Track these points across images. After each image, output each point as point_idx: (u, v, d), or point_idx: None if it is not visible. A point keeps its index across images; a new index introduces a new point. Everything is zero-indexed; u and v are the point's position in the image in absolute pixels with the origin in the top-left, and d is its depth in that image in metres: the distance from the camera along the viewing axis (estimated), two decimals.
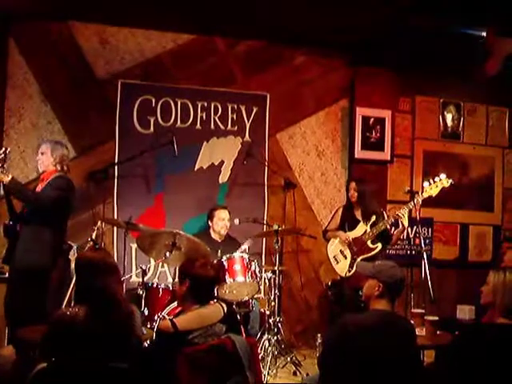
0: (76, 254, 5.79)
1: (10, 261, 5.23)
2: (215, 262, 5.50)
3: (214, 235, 6.44)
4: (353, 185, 6.29)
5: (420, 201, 5.82)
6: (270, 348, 5.74)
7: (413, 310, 4.93)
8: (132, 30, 6.80)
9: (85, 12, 6.39)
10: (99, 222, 5.61)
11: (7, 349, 4.04)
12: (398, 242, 7.21)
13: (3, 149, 5.11)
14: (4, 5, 5.33)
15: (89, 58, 6.69)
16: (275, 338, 5.81)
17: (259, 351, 5.36)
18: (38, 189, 5.32)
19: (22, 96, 6.50)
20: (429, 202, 6.03)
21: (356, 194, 6.21)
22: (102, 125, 6.66)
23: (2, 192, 5.28)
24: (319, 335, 5.76)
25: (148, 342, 4.25)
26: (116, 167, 6.64)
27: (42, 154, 5.38)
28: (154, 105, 6.81)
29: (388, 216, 6.15)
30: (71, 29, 6.63)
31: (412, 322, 4.08)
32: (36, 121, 6.53)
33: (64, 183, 5.29)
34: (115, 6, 6.18)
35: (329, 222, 6.52)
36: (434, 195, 5.84)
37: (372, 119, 7.37)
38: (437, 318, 4.47)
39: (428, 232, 7.56)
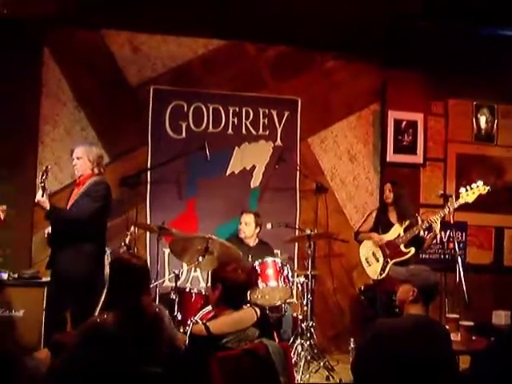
0: (110, 259, 5.84)
1: (51, 267, 5.28)
2: (247, 266, 5.51)
3: (245, 239, 6.44)
4: (388, 186, 6.27)
5: (455, 206, 5.76)
6: (302, 353, 5.72)
7: (448, 315, 4.89)
8: (163, 37, 6.86)
9: (117, 20, 6.47)
10: (132, 227, 5.64)
11: (42, 352, 4.08)
12: (432, 247, 7.13)
13: (44, 169, 5.11)
14: (39, 15, 5.41)
15: (121, 64, 6.76)
16: (308, 342, 5.79)
17: (292, 356, 5.35)
18: (74, 193, 5.34)
19: (56, 103, 6.59)
20: (463, 206, 5.96)
21: (391, 195, 6.18)
22: (135, 131, 6.73)
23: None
24: (352, 340, 5.71)
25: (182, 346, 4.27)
26: (148, 173, 6.69)
27: (78, 158, 5.34)
28: (185, 110, 6.85)
29: (422, 221, 6.09)
30: (104, 37, 6.71)
31: (447, 327, 4.03)
32: (70, 128, 6.61)
33: (101, 191, 5.24)
34: (146, 14, 6.23)
35: (361, 224, 6.50)
36: (470, 202, 5.77)
37: (404, 122, 7.31)
38: (472, 324, 4.42)
39: (462, 236, 7.46)
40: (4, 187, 5.70)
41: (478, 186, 5.79)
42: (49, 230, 5.35)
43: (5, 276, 5.78)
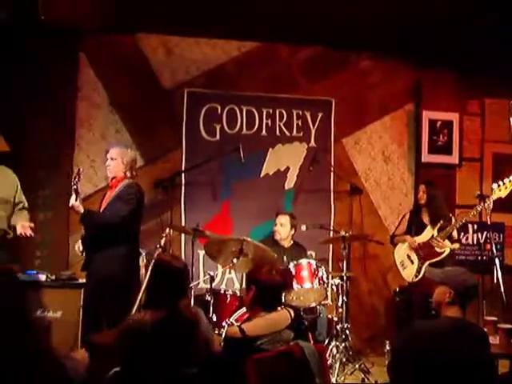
0: (145, 261, 5.89)
1: (87, 269, 5.34)
2: (282, 268, 5.51)
3: (280, 241, 6.43)
4: (422, 187, 6.22)
5: (491, 203, 5.67)
6: (337, 355, 5.70)
7: (485, 318, 4.82)
8: (197, 40, 6.90)
9: (150, 24, 6.51)
10: (167, 229, 5.67)
11: (80, 352, 4.12)
12: (468, 248, 7.05)
13: (75, 172, 5.16)
14: (75, 21, 5.50)
15: (155, 68, 6.82)
16: (343, 344, 5.77)
17: (327, 358, 5.33)
18: (107, 197, 5.37)
19: (91, 107, 6.68)
20: (499, 207, 5.87)
21: (425, 197, 6.13)
22: (169, 133, 6.78)
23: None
24: (387, 342, 5.68)
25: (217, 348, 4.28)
26: (183, 175, 6.73)
27: (112, 159, 5.32)
28: (219, 112, 6.88)
29: (455, 220, 6.03)
30: (137, 40, 6.78)
31: (485, 329, 3.98)
32: (105, 130, 6.68)
33: (134, 194, 5.26)
34: (180, 17, 6.27)
35: (396, 227, 6.46)
36: (503, 196, 5.68)
37: (439, 122, 7.24)
38: (510, 326, 4.35)
39: (499, 237, 7.36)
40: (41, 190, 5.79)
41: (510, 181, 5.69)
42: (82, 232, 5.40)
43: (43, 277, 5.85)
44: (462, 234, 6.16)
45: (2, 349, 1.95)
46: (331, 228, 6.85)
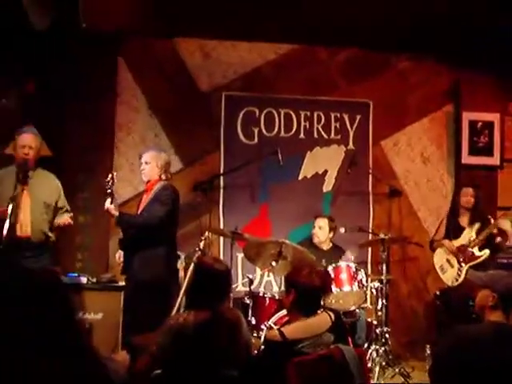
0: (184, 263, 5.93)
1: (126, 273, 5.43)
2: (321, 270, 5.49)
3: (318, 244, 6.41)
4: (470, 191, 6.14)
5: None
6: (377, 359, 5.65)
7: None
8: (233, 43, 6.92)
9: (188, 28, 6.56)
10: (206, 232, 5.70)
11: (121, 354, 4.18)
12: (510, 251, 6.93)
13: (109, 176, 5.21)
14: (114, 26, 5.57)
15: (192, 72, 6.86)
16: (383, 348, 5.72)
17: (367, 362, 5.29)
18: (144, 199, 5.47)
19: (130, 111, 6.75)
20: None
21: (473, 200, 6.06)
22: (207, 137, 6.81)
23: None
24: (428, 346, 5.61)
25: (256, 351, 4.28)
26: (221, 178, 6.76)
27: (147, 163, 5.46)
28: (257, 115, 6.89)
29: (494, 222, 5.95)
30: (175, 45, 6.83)
31: None
32: (144, 134, 6.75)
33: (170, 195, 5.37)
34: (216, 21, 6.30)
35: (435, 232, 6.41)
36: None
37: (480, 123, 7.13)
38: None
39: None
40: (82, 193, 5.88)
41: None
42: (120, 235, 5.51)
43: (84, 280, 5.92)
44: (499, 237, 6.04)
45: (47, 350, 1.97)
46: (370, 230, 6.80)
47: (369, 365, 5.47)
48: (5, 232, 4.69)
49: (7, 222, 4.74)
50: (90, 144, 6.54)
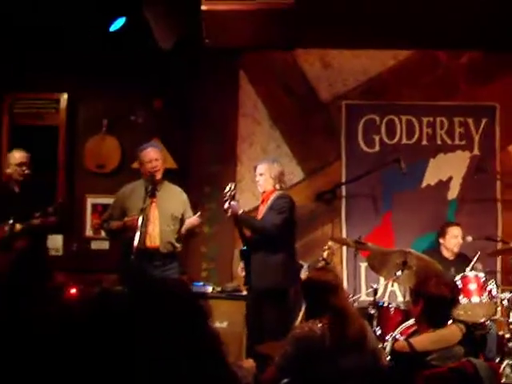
0: (307, 273, 5.95)
1: (248, 283, 5.56)
2: (450, 280, 5.34)
3: (445, 253, 6.23)
4: None
5: None
6: (511, 375, 5.40)
7: None
8: (353, 52, 6.89)
9: (308, 39, 6.59)
10: (329, 242, 5.70)
11: (248, 361, 4.26)
12: None
13: (231, 184, 5.42)
14: (236, 41, 5.71)
15: (313, 82, 6.88)
16: None
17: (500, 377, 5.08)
18: (260, 210, 5.58)
19: (252, 123, 6.87)
20: None
21: None
22: (328, 146, 6.81)
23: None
24: None
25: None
26: (343, 187, 6.73)
27: (261, 175, 5.55)
28: (378, 123, 6.82)
29: None
30: (295, 56, 6.88)
31: None
32: (265, 145, 6.84)
33: (286, 204, 5.45)
34: (336, 31, 6.31)
35: None
36: None
37: None
38: None
39: None
40: (208, 204, 6.04)
41: None
42: (241, 247, 5.65)
43: (209, 289, 6.09)
44: None
45: (183, 358, 2.03)
46: (499, 239, 6.53)
47: (502, 380, 5.24)
48: (135, 243, 4.90)
49: (137, 233, 4.95)
50: (214, 156, 6.72)
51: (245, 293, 5.88)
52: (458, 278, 5.44)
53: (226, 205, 5.34)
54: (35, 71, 6.58)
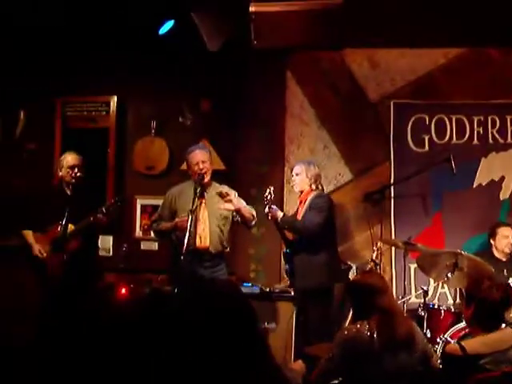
0: (355, 274, 5.92)
1: (293, 285, 5.66)
2: (503, 283, 5.23)
3: (497, 254, 6.10)
4: None
5: None
6: None
7: None
8: (401, 50, 6.80)
9: (356, 38, 6.55)
10: (378, 243, 5.67)
11: (298, 363, 4.28)
12: None
13: (267, 191, 5.55)
14: (284, 42, 5.72)
15: (360, 81, 6.82)
16: None
17: None
18: (299, 211, 5.68)
19: (299, 123, 6.84)
20: None
21: None
22: (376, 146, 6.74)
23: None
24: None
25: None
26: (392, 187, 6.65)
27: (297, 174, 5.71)
28: (427, 123, 6.71)
29: None
30: (342, 56, 6.82)
31: None
32: (313, 146, 6.81)
33: (324, 203, 5.59)
34: (384, 30, 6.27)
35: None
36: None
37: None
38: None
39: None
40: (255, 205, 6.04)
41: None
42: (283, 250, 5.78)
43: (257, 290, 6.10)
44: None
45: (232, 359, 2.04)
46: None
47: None
48: (185, 244, 4.95)
49: (187, 233, 5.00)
50: (261, 157, 6.74)
51: (293, 294, 5.89)
52: (510, 280, 5.34)
53: (267, 209, 5.46)
54: (85, 74, 6.71)
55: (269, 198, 5.50)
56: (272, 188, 5.57)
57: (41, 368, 1.92)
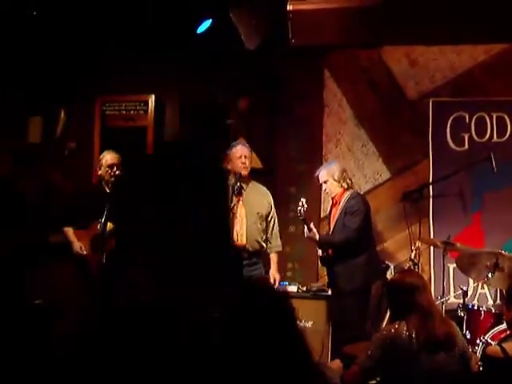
0: (393, 274, 5.88)
1: (332, 285, 5.70)
2: None
3: None
4: None
5: None
6: None
7: None
8: (441, 47, 6.71)
9: (394, 36, 6.49)
10: (417, 242, 5.63)
11: (335, 362, 4.27)
12: None
13: (300, 203, 5.52)
14: (321, 40, 5.72)
15: (399, 79, 6.75)
16: None
17: None
18: (334, 214, 5.69)
19: (337, 122, 6.81)
20: None
21: None
22: (415, 145, 6.67)
23: None
24: None
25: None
26: (431, 186, 6.58)
27: (325, 182, 5.68)
28: (467, 121, 6.62)
29: None
30: (380, 53, 6.77)
31: None
32: (351, 144, 6.77)
33: (358, 204, 5.55)
34: (423, 27, 6.20)
35: None
36: None
37: None
38: None
39: None
40: (293, 204, 6.04)
41: None
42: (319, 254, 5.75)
43: (294, 288, 6.11)
44: None
45: (272, 357, 2.05)
46: None
47: None
48: None
49: None
50: (300, 156, 6.73)
51: (329, 292, 5.89)
52: None
53: (305, 234, 5.56)
54: (124, 73, 6.76)
55: (302, 211, 5.50)
56: (304, 200, 5.56)
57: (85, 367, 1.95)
